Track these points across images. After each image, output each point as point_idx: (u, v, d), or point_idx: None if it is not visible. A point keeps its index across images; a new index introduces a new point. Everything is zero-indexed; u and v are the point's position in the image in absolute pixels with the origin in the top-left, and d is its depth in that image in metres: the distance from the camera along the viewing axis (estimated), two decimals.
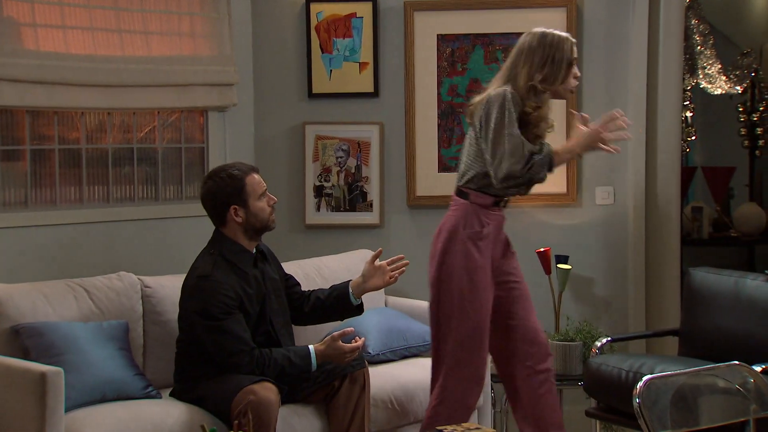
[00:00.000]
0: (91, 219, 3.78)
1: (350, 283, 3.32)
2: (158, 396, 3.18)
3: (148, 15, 3.86)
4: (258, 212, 3.14)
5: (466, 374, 3.13)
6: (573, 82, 3.14)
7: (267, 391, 2.94)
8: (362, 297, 3.35)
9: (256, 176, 3.17)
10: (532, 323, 3.23)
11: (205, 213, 4.15)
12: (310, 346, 3.10)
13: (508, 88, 3.08)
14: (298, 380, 3.12)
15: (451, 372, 3.12)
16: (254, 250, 3.21)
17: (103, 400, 3.05)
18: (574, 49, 3.15)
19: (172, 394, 3.17)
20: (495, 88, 3.14)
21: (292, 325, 3.32)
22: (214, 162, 4.14)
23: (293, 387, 3.13)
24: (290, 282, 3.39)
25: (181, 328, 3.17)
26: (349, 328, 3.16)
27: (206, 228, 4.14)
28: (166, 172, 4.04)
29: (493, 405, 3.77)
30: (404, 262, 3.36)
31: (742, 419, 2.34)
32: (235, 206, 3.12)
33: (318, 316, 3.36)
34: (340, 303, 3.31)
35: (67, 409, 2.91)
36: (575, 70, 3.14)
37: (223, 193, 3.12)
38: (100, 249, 3.78)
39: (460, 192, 3.18)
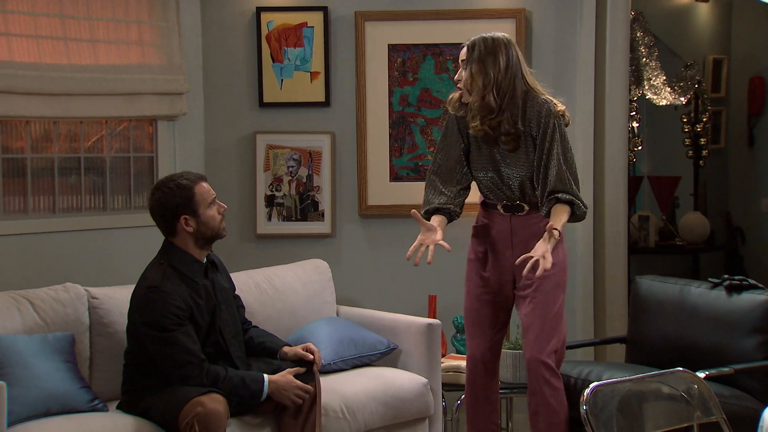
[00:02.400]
0: (37, 229, 3.71)
1: (282, 348, 3.29)
2: (105, 409, 3.13)
3: (95, 23, 3.82)
4: (208, 220, 3.11)
5: None
6: None
7: (215, 402, 2.91)
8: (313, 305, 3.36)
9: (204, 185, 3.14)
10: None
11: (154, 223, 4.12)
12: (265, 375, 3.07)
13: None
14: (245, 402, 3.09)
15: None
16: (204, 260, 3.18)
17: (48, 413, 2.99)
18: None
19: (119, 407, 3.13)
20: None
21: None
22: (164, 171, 4.09)
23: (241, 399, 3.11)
24: (236, 303, 3.37)
25: (129, 339, 3.12)
26: (302, 369, 3.17)
27: (156, 238, 4.08)
28: (114, 181, 3.99)
29: (444, 413, 3.79)
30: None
31: (686, 425, 2.39)
32: (186, 216, 3.08)
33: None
34: (265, 354, 3.30)
35: (10, 424, 2.85)
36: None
37: (172, 203, 3.08)
38: (45, 260, 3.71)
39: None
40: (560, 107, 3.13)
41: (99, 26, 3.82)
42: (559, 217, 3.05)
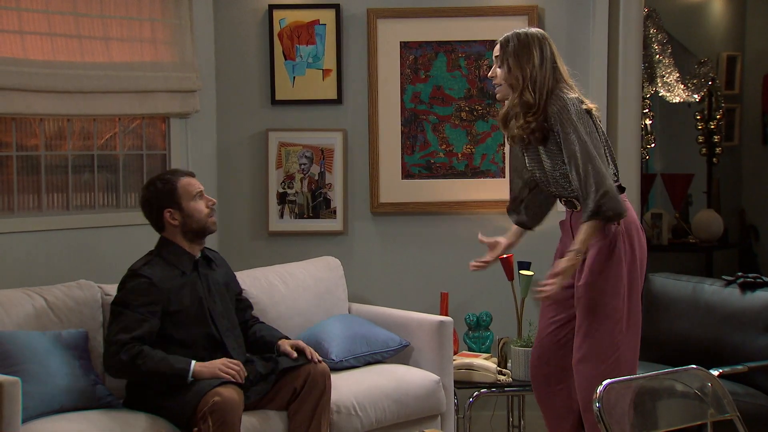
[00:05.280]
0: (51, 227, 3.73)
1: (279, 341, 3.31)
2: (118, 405, 3.14)
3: (108, 21, 3.83)
4: (193, 213, 3.18)
5: None
6: None
7: (230, 391, 2.94)
8: (326, 302, 3.37)
9: (188, 179, 3.23)
10: None
11: None
12: (192, 361, 3.05)
13: None
14: (171, 385, 3.03)
15: None
16: (198, 255, 3.23)
17: (62, 410, 3.01)
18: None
19: (125, 405, 3.14)
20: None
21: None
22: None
23: (246, 388, 3.10)
24: (241, 304, 3.40)
25: None
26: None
27: None
28: (127, 179, 4.00)
29: (456, 411, 3.79)
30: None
31: (700, 422, 2.38)
32: (170, 209, 3.18)
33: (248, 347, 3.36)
34: (264, 348, 3.31)
35: (24, 420, 2.86)
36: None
37: (156, 198, 3.20)
38: (59, 257, 3.73)
39: None
40: (588, 104, 3.04)
41: (112, 24, 3.84)
42: (581, 235, 2.95)
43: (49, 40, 3.65)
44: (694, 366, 2.40)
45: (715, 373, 3.10)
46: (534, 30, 3.11)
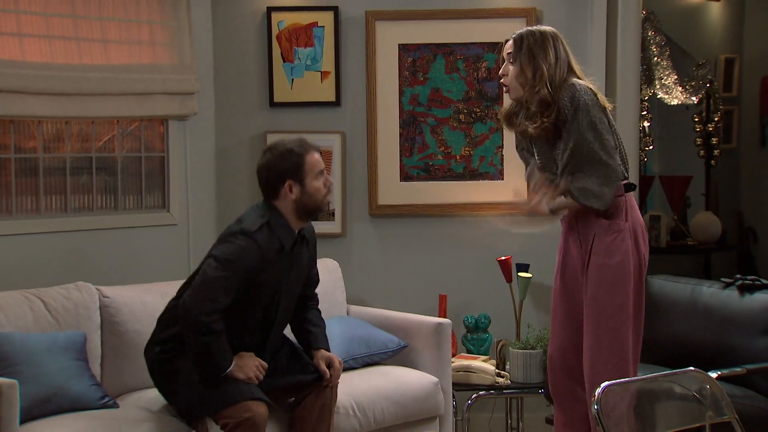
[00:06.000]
0: (49, 229, 3.73)
1: (318, 351, 3.24)
2: (115, 406, 3.14)
3: (106, 23, 3.83)
4: (313, 192, 3.05)
5: None
6: None
7: (263, 409, 2.92)
8: (323, 305, 3.34)
9: (316, 155, 3.08)
10: None
11: (166, 223, 4.12)
12: (233, 363, 2.98)
13: None
14: (205, 370, 2.98)
15: None
16: (296, 233, 3.10)
17: (59, 411, 3.01)
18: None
19: (146, 353, 3.08)
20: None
21: None
22: (175, 171, 4.10)
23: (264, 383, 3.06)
24: (309, 280, 3.28)
25: (194, 274, 3.03)
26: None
27: (166, 237, 4.11)
28: (125, 181, 4.00)
29: (455, 413, 3.78)
30: None
31: (698, 425, 2.38)
32: (291, 182, 3.03)
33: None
34: (303, 344, 3.27)
35: (22, 421, 2.86)
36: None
37: (279, 167, 3.03)
38: (57, 259, 3.72)
39: None
40: (602, 100, 3.00)
41: (110, 26, 3.84)
42: (564, 200, 2.96)
43: (47, 43, 3.65)
44: (692, 368, 2.40)
45: (714, 375, 3.09)
46: (547, 28, 3.05)
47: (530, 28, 3.06)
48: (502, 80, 3.08)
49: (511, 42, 3.04)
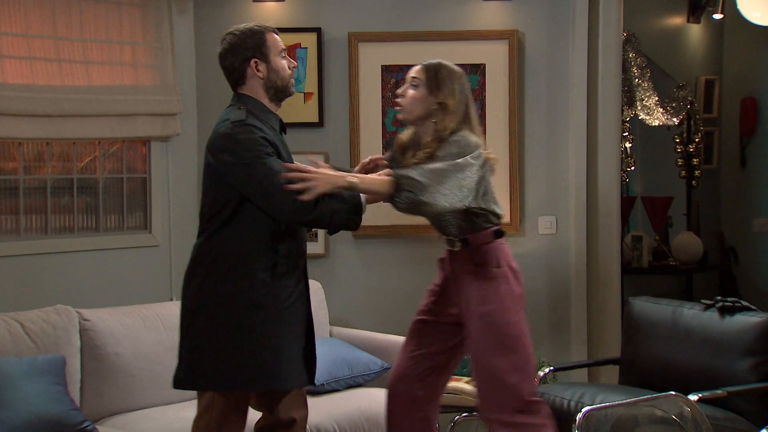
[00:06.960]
0: (29, 251, 3.70)
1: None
2: (94, 431, 3.11)
3: (88, 44, 3.82)
4: (279, 69, 2.93)
5: None
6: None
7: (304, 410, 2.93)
8: None
9: (276, 35, 2.99)
10: None
11: (148, 244, 4.09)
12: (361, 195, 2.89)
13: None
14: (347, 218, 2.91)
15: None
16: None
17: None
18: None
19: (183, 297, 2.83)
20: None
21: None
22: (157, 192, 4.10)
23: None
24: None
25: (205, 212, 2.83)
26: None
27: (148, 258, 4.08)
28: (107, 202, 3.98)
29: None
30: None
31: None
32: (256, 59, 2.92)
33: None
34: None
35: None
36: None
37: (243, 46, 2.92)
38: (37, 281, 3.69)
39: None
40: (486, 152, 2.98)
41: (92, 47, 3.83)
42: (375, 185, 2.96)
43: (28, 64, 3.64)
44: (672, 392, 2.41)
45: (695, 397, 3.10)
46: (457, 67, 3.05)
47: (441, 61, 3.04)
48: (398, 99, 3.07)
49: (420, 68, 3.04)
